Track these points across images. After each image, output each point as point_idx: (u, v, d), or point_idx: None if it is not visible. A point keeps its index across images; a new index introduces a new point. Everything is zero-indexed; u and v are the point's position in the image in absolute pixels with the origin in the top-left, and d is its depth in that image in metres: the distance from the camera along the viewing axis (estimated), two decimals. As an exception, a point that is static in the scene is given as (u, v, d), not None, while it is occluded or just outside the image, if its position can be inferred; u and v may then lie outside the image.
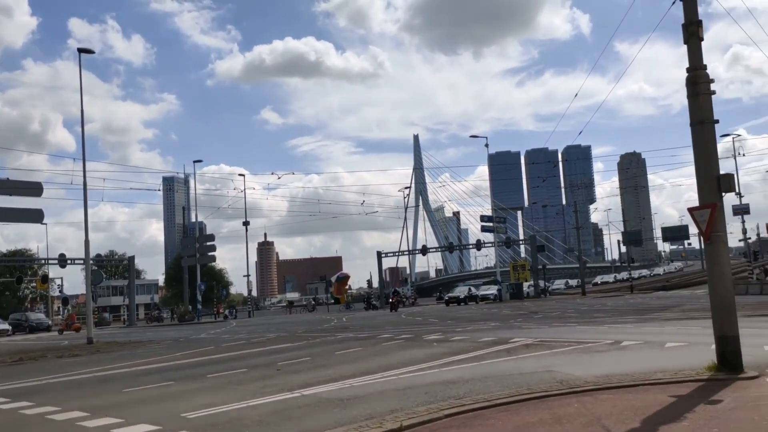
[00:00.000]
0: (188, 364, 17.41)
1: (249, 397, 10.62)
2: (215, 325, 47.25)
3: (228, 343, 24.26)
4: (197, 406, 10.03)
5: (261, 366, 15.45)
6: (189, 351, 21.81)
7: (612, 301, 42.41)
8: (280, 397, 10.63)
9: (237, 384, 12.59)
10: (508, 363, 13.22)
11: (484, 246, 77.80)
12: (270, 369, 14.68)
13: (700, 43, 11.01)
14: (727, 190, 10.89)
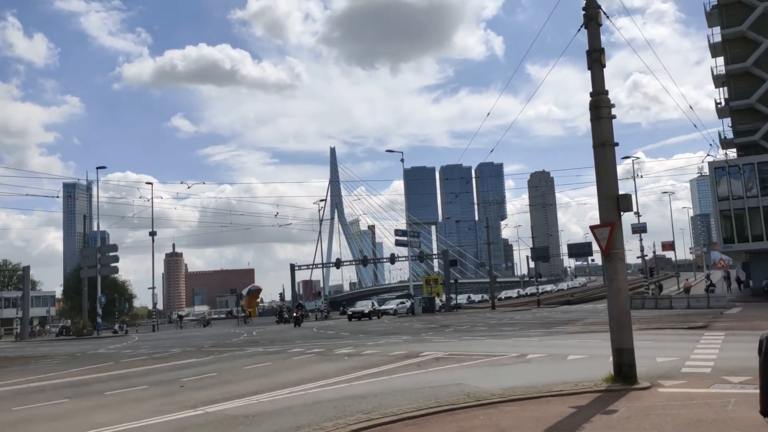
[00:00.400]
0: (85, 380, 16.57)
1: (148, 416, 10.20)
2: (116, 339, 45.27)
3: (128, 359, 23.25)
4: (92, 425, 9.54)
5: (163, 382, 14.90)
6: (86, 367, 20.77)
7: (520, 315, 43.70)
8: (182, 414, 10.26)
9: (136, 401, 12.07)
10: (419, 376, 13.34)
11: (398, 260, 78.67)
12: (173, 385, 14.18)
13: (603, 70, 11.60)
14: (626, 210, 11.49)
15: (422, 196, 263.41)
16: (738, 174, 51.38)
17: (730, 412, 8.15)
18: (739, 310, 33.41)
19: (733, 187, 51.45)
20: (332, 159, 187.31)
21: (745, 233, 50.85)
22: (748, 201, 50.48)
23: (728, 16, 54.03)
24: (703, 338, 18.12)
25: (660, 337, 19.71)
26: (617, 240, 11.28)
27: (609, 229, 11.18)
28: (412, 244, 67.29)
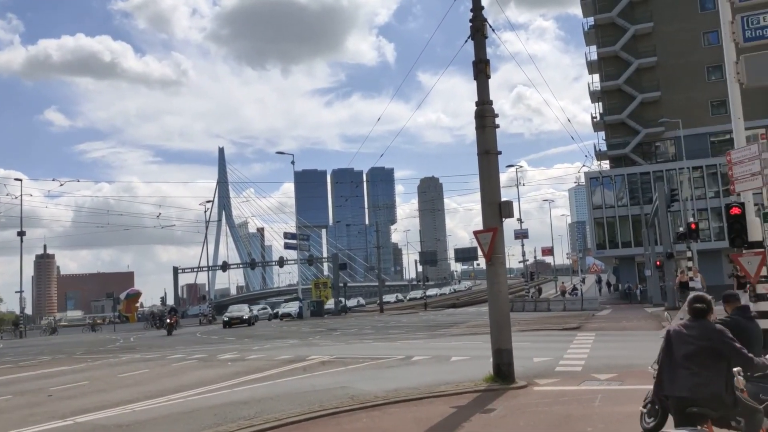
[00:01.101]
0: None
1: (11, 428, 9.50)
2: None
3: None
4: (-54, 441, 8.75)
5: (29, 392, 13.92)
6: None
7: (407, 318, 44.41)
8: (50, 425, 9.63)
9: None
10: (304, 381, 13.24)
11: (287, 263, 77.80)
12: (40, 395, 13.27)
13: (488, 80, 12.03)
14: (507, 216, 11.95)
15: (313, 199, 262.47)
16: (610, 184, 55.04)
17: (597, 408, 8.66)
18: (608, 312, 35.65)
19: (605, 197, 55.04)
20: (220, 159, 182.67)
21: (615, 240, 54.50)
22: (618, 210, 54.16)
23: (603, 35, 57.78)
24: (576, 339, 19.16)
25: (537, 338, 20.65)
26: (499, 245, 11.71)
27: (491, 234, 11.60)
28: (301, 248, 66.81)
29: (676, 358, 4.96)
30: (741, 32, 10.81)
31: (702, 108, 52.55)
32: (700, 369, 4.80)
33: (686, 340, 4.94)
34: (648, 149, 57.00)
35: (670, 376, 4.96)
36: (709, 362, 4.81)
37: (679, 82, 53.65)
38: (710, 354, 4.82)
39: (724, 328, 4.99)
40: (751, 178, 10.43)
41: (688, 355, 4.87)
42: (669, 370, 4.99)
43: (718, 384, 4.74)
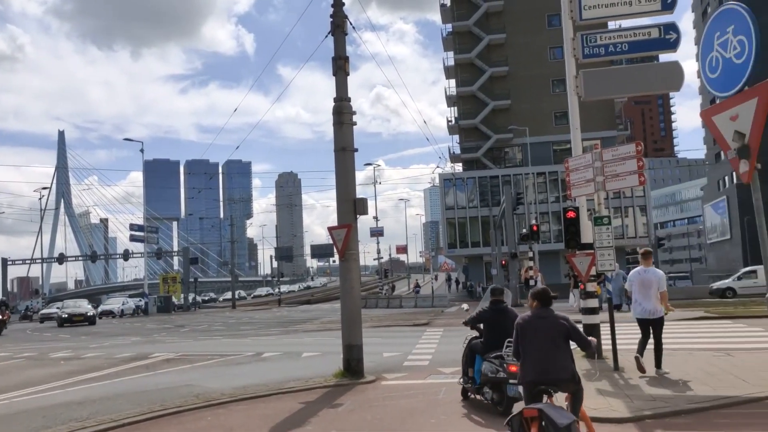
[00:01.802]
0: None
1: None
2: None
3: None
4: None
5: None
6: None
7: (260, 314, 43.74)
8: None
9: None
10: (146, 379, 12.59)
11: (132, 256, 73.73)
12: None
13: (346, 77, 12.08)
14: (362, 213, 12.06)
15: (164, 190, 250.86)
16: (462, 186, 57.61)
17: (441, 400, 8.98)
18: (456, 309, 37.22)
19: (458, 198, 57.52)
20: (60, 143, 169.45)
21: (465, 240, 57.14)
22: (469, 211, 56.82)
23: (461, 42, 60.36)
24: (425, 334, 19.78)
25: (388, 334, 21.09)
26: (352, 241, 11.80)
27: (345, 230, 11.66)
28: (149, 240, 63.66)
29: (536, 346, 5.39)
30: (581, 49, 11.68)
31: (547, 118, 56.51)
32: (558, 352, 5.34)
33: (542, 328, 5.42)
34: (498, 154, 60.32)
35: (535, 364, 5.37)
36: (564, 346, 5.39)
37: (528, 92, 57.29)
38: (564, 338, 5.40)
39: (567, 315, 5.57)
40: (585, 184, 11.31)
41: (546, 341, 5.36)
42: (532, 358, 5.40)
43: (571, 363, 5.38)
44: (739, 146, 4.66)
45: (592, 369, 10.32)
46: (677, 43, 11.32)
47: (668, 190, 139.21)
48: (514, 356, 5.76)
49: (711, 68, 5.03)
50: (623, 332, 13.09)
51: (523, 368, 5.51)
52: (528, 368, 5.43)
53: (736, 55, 4.74)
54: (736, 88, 4.75)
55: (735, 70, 4.76)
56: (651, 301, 9.73)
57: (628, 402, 7.87)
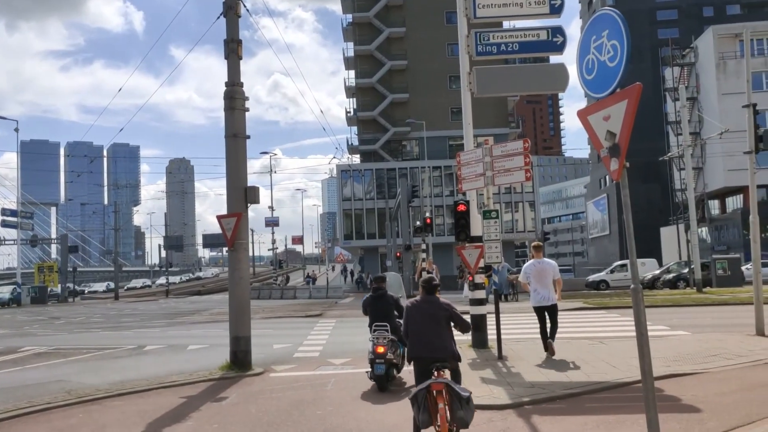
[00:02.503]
0: None
1: None
2: None
3: None
4: None
5: None
6: None
7: (144, 306, 42.04)
8: None
9: None
10: (13, 375, 11.73)
11: (4, 243, 68.59)
12: None
13: (239, 61, 11.72)
14: (252, 202, 11.77)
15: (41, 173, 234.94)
16: (360, 177, 57.80)
17: (329, 391, 8.91)
18: (351, 300, 37.34)
19: (355, 189, 57.65)
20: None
21: (362, 231, 57.40)
22: (366, 202, 57.11)
23: (361, 34, 60.40)
24: (317, 325, 19.69)
25: (280, 325, 20.82)
26: (242, 230, 11.50)
27: (235, 219, 11.34)
28: (23, 226, 59.39)
29: (421, 326, 5.96)
30: (474, 46, 11.92)
31: (444, 113, 57.66)
32: (440, 333, 5.92)
33: (427, 311, 6.01)
34: (396, 147, 60.98)
35: (420, 341, 5.93)
36: (445, 327, 5.98)
37: (426, 86, 58.19)
38: (446, 321, 5.99)
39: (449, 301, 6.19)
40: (475, 178, 11.57)
41: (431, 323, 5.94)
42: (418, 337, 5.96)
43: (452, 343, 5.96)
44: (610, 145, 4.89)
45: (478, 358, 10.62)
46: (563, 46, 11.78)
47: (555, 187, 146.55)
48: (403, 335, 6.29)
49: (587, 70, 5.25)
50: (508, 323, 13.57)
51: (411, 346, 6.03)
52: (416, 346, 5.96)
53: (609, 59, 4.98)
54: (609, 90, 4.99)
55: (608, 72, 5.01)
56: (548, 289, 10.51)
57: (509, 389, 8.13)
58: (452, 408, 5.35)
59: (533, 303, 10.71)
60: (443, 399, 5.36)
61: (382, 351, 8.46)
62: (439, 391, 5.39)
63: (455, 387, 5.41)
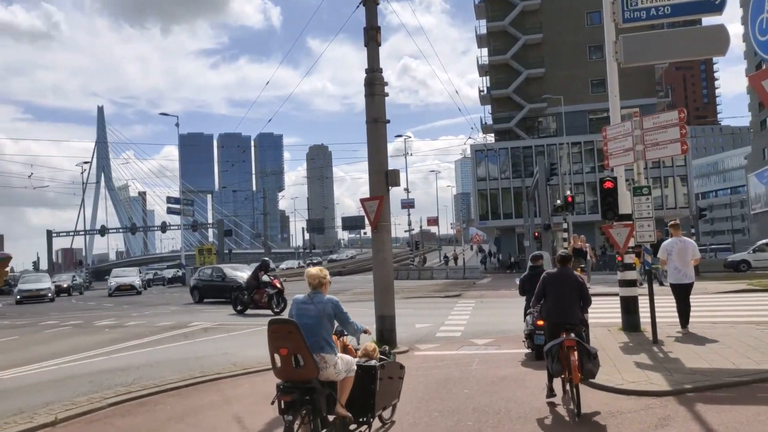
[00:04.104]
0: None
1: None
2: None
3: None
4: None
5: None
6: None
7: (292, 286, 44.12)
8: None
9: None
10: (185, 347, 12.89)
11: (170, 228, 75.00)
12: None
13: (378, 48, 11.98)
14: (394, 185, 12.04)
15: (198, 164, 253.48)
16: (495, 157, 57.00)
17: (474, 371, 9.01)
18: (489, 280, 37.17)
19: (489, 169, 56.95)
20: (99, 119, 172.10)
21: (498, 211, 56.68)
22: (501, 182, 56.27)
23: (493, 10, 59.19)
24: (457, 305, 19.83)
25: (420, 305, 21.17)
26: (385, 213, 11.81)
27: (378, 201, 11.67)
28: (185, 213, 64.60)
29: (557, 294, 6.93)
30: (621, 13, 11.33)
31: (583, 86, 55.33)
32: (572, 301, 6.90)
33: (562, 282, 6.98)
34: (531, 124, 59.44)
35: (555, 307, 6.91)
36: (576, 297, 6.92)
37: (563, 59, 56.06)
38: (577, 291, 6.94)
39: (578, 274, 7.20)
40: (623, 153, 11.08)
41: (565, 292, 6.91)
42: (554, 303, 6.95)
43: (580, 312, 6.98)
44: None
45: (630, 342, 10.25)
46: (723, 6, 10.88)
47: (710, 159, 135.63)
48: (536, 299, 7.35)
49: (761, 30, 4.84)
50: (662, 305, 12.93)
51: (547, 310, 7.04)
52: (551, 310, 6.95)
53: (787, 18, 4.56)
54: (787, 52, 4.57)
55: (786, 32, 4.58)
56: (689, 267, 10.66)
57: (667, 375, 7.78)
58: (582, 362, 6.32)
59: (673, 280, 10.75)
60: (575, 353, 6.32)
61: (542, 323, 8.61)
62: (570, 347, 6.38)
63: (584, 344, 6.47)
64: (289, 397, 5.08)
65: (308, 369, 5.07)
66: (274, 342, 5.16)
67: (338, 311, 5.42)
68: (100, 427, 6.82)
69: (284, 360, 5.13)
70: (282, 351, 5.11)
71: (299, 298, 5.49)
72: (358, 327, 5.61)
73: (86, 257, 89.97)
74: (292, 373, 5.13)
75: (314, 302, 5.37)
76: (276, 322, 5.20)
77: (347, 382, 5.52)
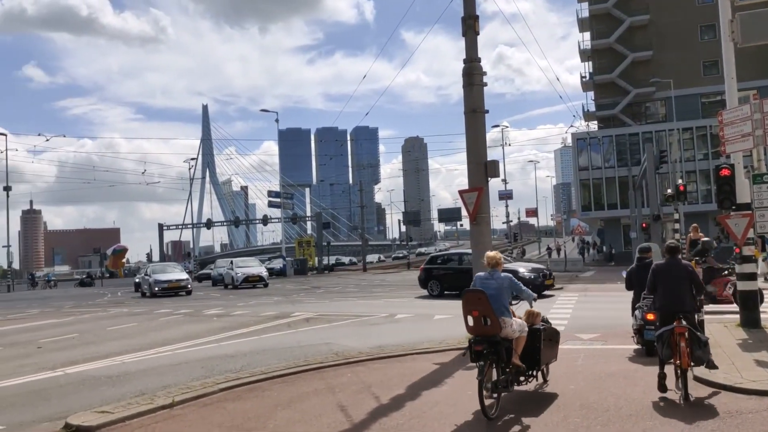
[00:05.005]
0: None
1: (2, 378, 9.57)
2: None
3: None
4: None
5: (19, 344, 13.93)
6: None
7: (390, 277, 44.67)
8: (40, 376, 9.70)
9: (-14, 364, 11.20)
10: (289, 336, 13.30)
11: (270, 221, 77.63)
12: (29, 347, 13.29)
13: (476, 37, 11.81)
14: (493, 176, 11.85)
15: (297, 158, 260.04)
16: (598, 145, 54.99)
17: (580, 366, 8.77)
18: (592, 274, 36.03)
19: (592, 158, 55.01)
20: (204, 117, 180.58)
21: (601, 201, 54.66)
22: (605, 171, 54.23)
23: (595, -7, 56.96)
24: (559, 299, 19.34)
25: (520, 298, 20.77)
26: (484, 204, 11.65)
27: (477, 193, 11.52)
28: (285, 206, 66.56)
29: (669, 283, 7.08)
30: (737, -10, 10.64)
31: (694, 68, 52.27)
32: (684, 289, 7.04)
33: (673, 272, 7.15)
34: (638, 110, 56.88)
35: (667, 295, 7.07)
36: (688, 286, 7.09)
37: (672, 41, 53.22)
38: (689, 281, 7.10)
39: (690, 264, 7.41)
40: (741, 139, 10.39)
41: (677, 281, 7.07)
42: (666, 292, 7.10)
43: (692, 301, 7.12)
44: None
45: (750, 338, 9.64)
46: None
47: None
48: (648, 290, 7.48)
49: None
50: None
51: (660, 298, 7.20)
52: (664, 298, 7.12)
53: None
54: None
55: None
56: None
57: (790, 374, 7.26)
58: (692, 348, 6.53)
59: None
60: (685, 340, 6.55)
61: (652, 318, 8.52)
62: (681, 334, 6.58)
63: (695, 331, 6.65)
64: (480, 347, 6.50)
65: (493, 327, 6.53)
66: (468, 306, 6.65)
67: (513, 284, 7.06)
68: (213, 410, 7.15)
69: (475, 320, 6.62)
70: (474, 313, 6.61)
71: (481, 275, 7.21)
72: (530, 294, 7.25)
73: (194, 249, 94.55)
74: (482, 329, 6.60)
75: (494, 278, 6.98)
76: (470, 292, 6.73)
77: (521, 341, 6.98)
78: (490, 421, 6.25)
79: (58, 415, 7.14)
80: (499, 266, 7.15)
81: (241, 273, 35.32)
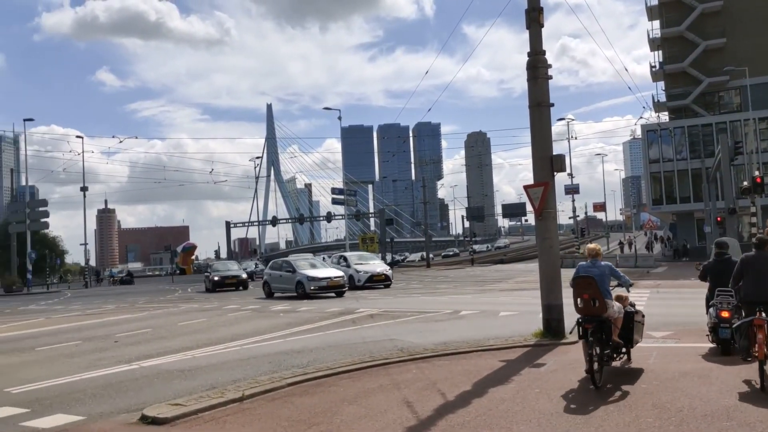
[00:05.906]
0: (14, 336, 16.00)
1: (81, 371, 9.99)
2: (48, 295, 43.80)
3: (60, 315, 22.60)
4: (23, 381, 9.27)
5: (97, 338, 14.55)
6: (16, 323, 20.05)
7: (454, 273, 44.49)
8: (117, 369, 10.09)
9: (68, 357, 11.77)
10: (353, 332, 13.43)
11: (334, 218, 78.40)
12: (107, 341, 13.86)
13: (541, 29, 11.61)
14: (559, 170, 11.64)
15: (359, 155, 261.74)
16: (669, 137, 53.15)
17: (652, 365, 8.52)
18: (664, 269, 34.95)
19: (663, 150, 53.22)
20: (269, 116, 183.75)
21: (673, 195, 52.87)
22: (677, 163, 52.40)
23: (665, -20, 55.04)
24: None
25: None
26: (550, 199, 11.46)
27: (542, 188, 11.34)
28: (348, 203, 67.11)
29: (755, 275, 7.34)
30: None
31: (770, 55, 49.91)
32: None
33: (759, 264, 7.41)
34: (711, 99, 54.74)
35: (753, 287, 7.33)
36: None
37: (747, 27, 50.97)
38: None
39: None
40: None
41: (763, 273, 7.30)
42: (752, 283, 7.36)
43: None
44: None
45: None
46: None
47: None
48: (734, 281, 7.75)
49: None
50: None
51: (745, 289, 7.44)
52: (749, 290, 7.36)
53: None
54: None
55: None
56: None
57: None
58: None
59: None
60: (763, 332, 6.66)
61: (726, 316, 8.54)
62: (760, 326, 6.73)
63: None
64: (589, 326, 7.54)
65: (601, 308, 7.63)
66: (578, 290, 7.77)
67: (614, 271, 8.26)
68: (281, 405, 7.30)
69: (585, 302, 7.68)
70: (584, 296, 7.70)
71: (584, 264, 8.34)
72: (627, 280, 8.35)
73: (260, 246, 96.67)
74: (590, 310, 7.66)
75: (596, 266, 8.10)
76: (580, 277, 7.87)
77: (619, 321, 8.02)
78: (597, 389, 7.19)
79: (135, 406, 7.44)
80: (599, 256, 8.38)
81: (363, 272, 29.71)
